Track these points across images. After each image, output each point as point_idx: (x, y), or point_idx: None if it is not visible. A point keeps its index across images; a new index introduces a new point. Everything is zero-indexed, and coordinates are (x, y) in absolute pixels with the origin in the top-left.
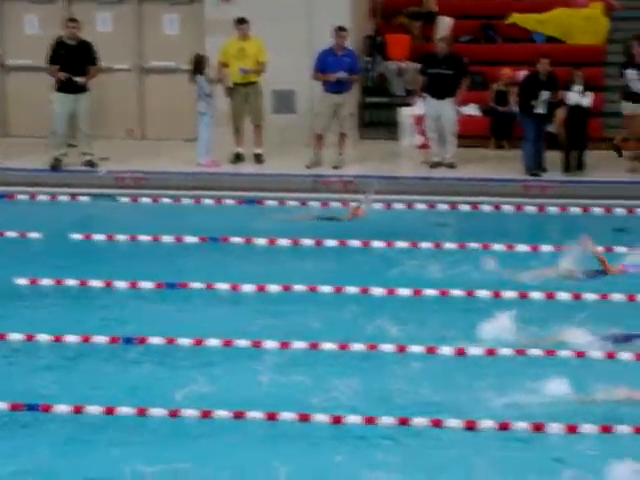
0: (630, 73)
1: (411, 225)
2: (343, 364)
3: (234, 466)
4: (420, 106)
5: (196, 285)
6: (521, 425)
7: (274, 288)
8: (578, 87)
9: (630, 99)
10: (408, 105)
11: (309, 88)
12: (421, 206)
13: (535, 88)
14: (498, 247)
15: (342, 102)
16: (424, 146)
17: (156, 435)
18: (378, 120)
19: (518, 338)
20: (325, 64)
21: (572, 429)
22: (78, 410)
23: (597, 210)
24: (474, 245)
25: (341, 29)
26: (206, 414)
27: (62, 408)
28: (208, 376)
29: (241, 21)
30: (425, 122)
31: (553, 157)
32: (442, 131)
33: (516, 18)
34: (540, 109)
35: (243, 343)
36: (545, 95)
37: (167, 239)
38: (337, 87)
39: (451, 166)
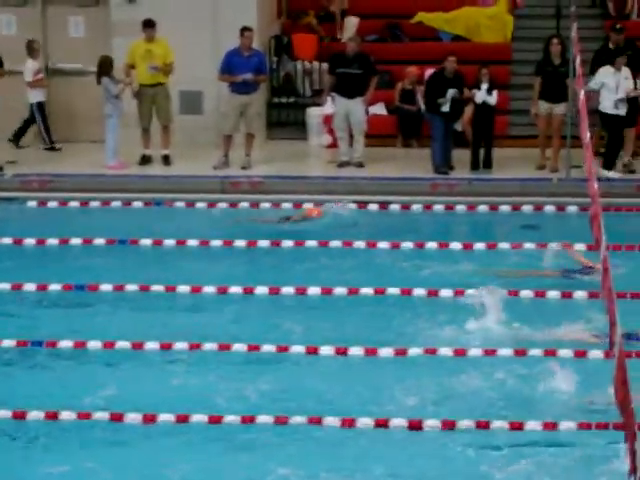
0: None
1: (320, 225)
2: (253, 365)
3: (141, 468)
4: (329, 105)
5: (105, 287)
6: (433, 423)
7: (184, 289)
8: (485, 85)
9: (545, 97)
10: (316, 105)
11: (216, 89)
12: (329, 205)
13: (441, 86)
14: (406, 245)
15: (249, 102)
16: (332, 146)
17: (65, 438)
18: (286, 120)
19: (456, 335)
20: (231, 65)
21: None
22: None
23: (505, 208)
24: (383, 244)
25: (247, 29)
26: (116, 417)
27: None
28: (118, 379)
29: (148, 23)
30: (334, 121)
31: (460, 155)
32: (351, 130)
33: (422, 17)
34: (446, 107)
35: (153, 345)
36: (451, 93)
37: (75, 242)
38: (244, 87)
39: (359, 165)
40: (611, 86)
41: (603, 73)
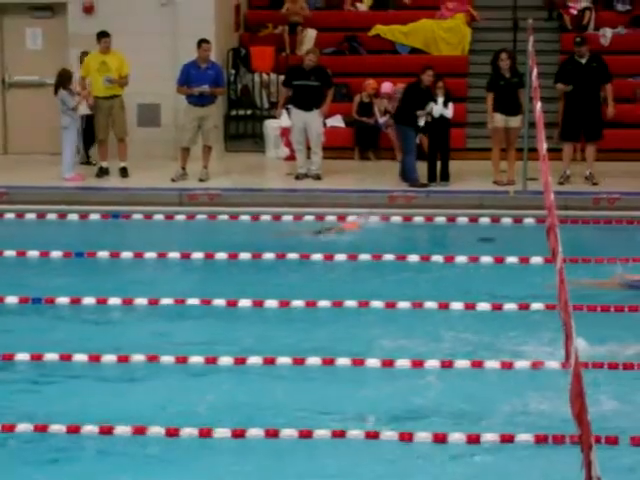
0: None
1: (278, 237)
2: (209, 376)
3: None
4: (285, 118)
5: (62, 300)
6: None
7: (141, 301)
8: (441, 98)
9: (500, 110)
10: (273, 117)
11: (174, 101)
12: (287, 217)
13: (417, 99)
14: (364, 257)
15: (206, 115)
16: (290, 158)
17: (24, 450)
18: (244, 132)
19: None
20: (189, 77)
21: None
22: None
23: (462, 220)
24: (340, 257)
25: (205, 42)
26: (72, 429)
27: None
28: (75, 392)
29: (102, 34)
30: (291, 134)
31: (417, 168)
32: (308, 143)
33: (379, 30)
34: (423, 121)
35: (110, 358)
36: (430, 107)
37: (32, 254)
38: (201, 100)
39: (317, 178)
40: None
41: None
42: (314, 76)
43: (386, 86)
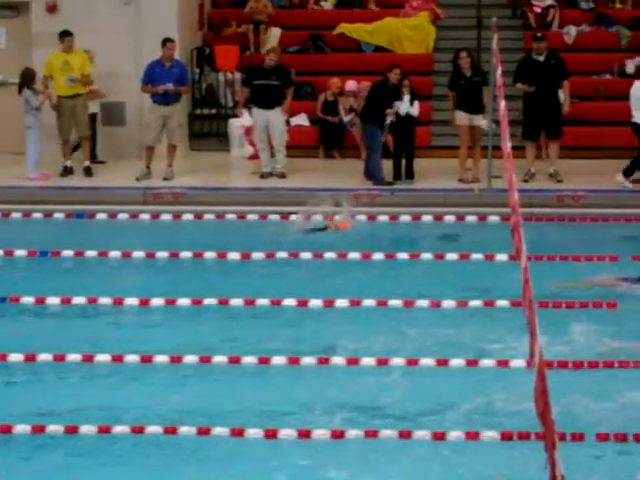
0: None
1: (244, 236)
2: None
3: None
4: (246, 118)
5: (27, 299)
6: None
7: (105, 300)
8: (407, 96)
9: (463, 109)
10: (237, 116)
11: (138, 100)
12: (252, 217)
13: (384, 97)
14: (329, 256)
15: (171, 114)
16: (254, 157)
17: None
18: (208, 131)
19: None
20: (153, 76)
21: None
22: None
23: (427, 218)
24: (305, 255)
25: (169, 41)
26: (38, 429)
27: None
28: (40, 391)
29: (65, 34)
30: (254, 133)
31: (382, 166)
32: (271, 141)
33: (344, 28)
34: (390, 119)
35: (74, 357)
36: (398, 105)
37: None
38: (165, 99)
39: (282, 176)
40: None
41: (636, 86)
42: (274, 75)
43: (351, 84)
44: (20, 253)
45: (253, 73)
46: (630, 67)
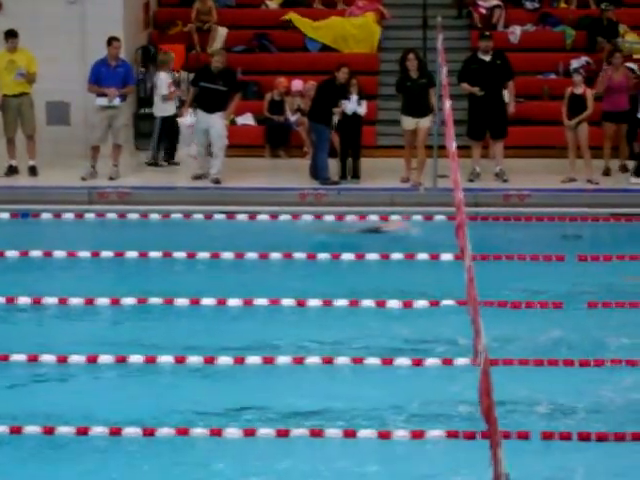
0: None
1: (189, 235)
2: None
3: None
4: (189, 118)
5: None
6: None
7: (51, 300)
8: (354, 96)
9: (409, 113)
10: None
11: (84, 100)
12: (198, 216)
13: (334, 96)
14: (275, 256)
15: (116, 113)
16: None
17: None
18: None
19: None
20: (99, 75)
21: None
22: None
23: (373, 217)
24: (251, 255)
25: (114, 40)
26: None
27: None
28: None
29: (10, 33)
30: (194, 134)
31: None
32: (210, 145)
33: (293, 17)
34: (337, 118)
35: (19, 358)
36: (345, 104)
37: None
38: (111, 98)
39: (216, 182)
40: None
41: None
42: (222, 80)
43: (297, 83)
44: None
45: (201, 74)
46: (575, 66)
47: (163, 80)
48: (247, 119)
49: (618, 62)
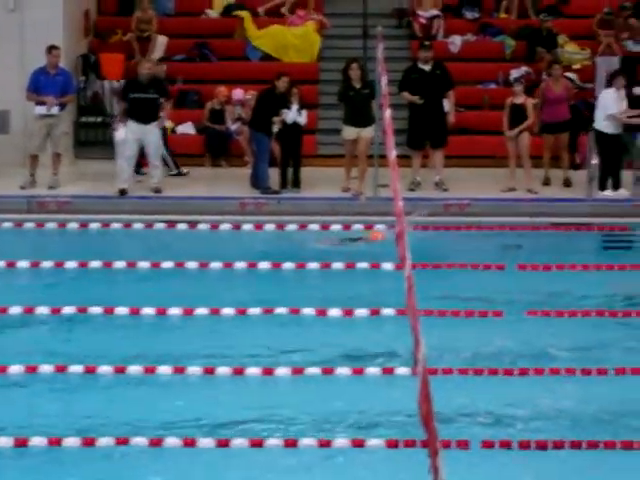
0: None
1: (130, 244)
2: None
3: None
4: (122, 131)
5: None
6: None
7: (15, 310)
8: (295, 105)
9: (351, 123)
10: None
11: (23, 108)
12: (138, 225)
13: (274, 105)
14: (215, 265)
15: (56, 122)
16: (144, 165)
17: None
18: (94, 139)
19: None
20: (38, 83)
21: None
22: None
23: (313, 226)
24: (191, 264)
25: (54, 48)
26: None
27: None
28: None
29: None
30: (124, 147)
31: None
32: (147, 156)
33: (245, 16)
34: (277, 127)
35: None
36: (286, 113)
37: None
38: (49, 107)
39: (157, 191)
40: (610, 106)
41: (607, 95)
42: (151, 88)
43: (237, 93)
44: None
45: (130, 87)
46: (515, 76)
47: None
48: (187, 128)
49: (557, 74)
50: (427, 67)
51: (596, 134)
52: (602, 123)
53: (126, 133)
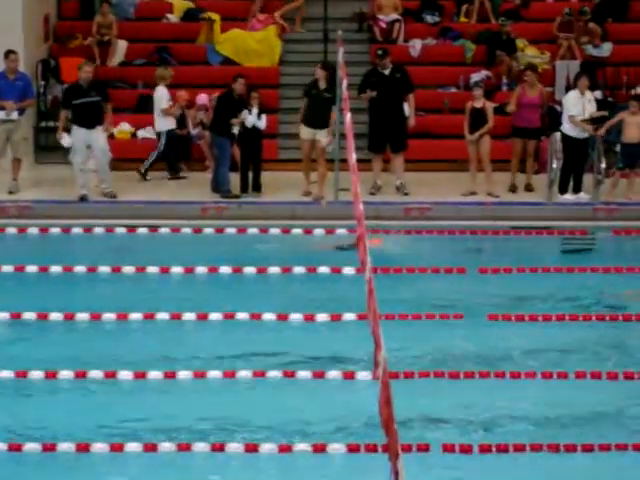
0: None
1: (90, 249)
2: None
3: None
4: (66, 140)
5: None
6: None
7: None
8: (255, 109)
9: (307, 123)
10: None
11: None
12: (99, 230)
13: (233, 108)
14: (176, 270)
15: (14, 127)
16: None
17: None
18: (54, 144)
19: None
20: None
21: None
22: None
23: (274, 231)
24: (153, 269)
25: (12, 53)
26: None
27: None
28: None
29: None
30: (71, 154)
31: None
32: (96, 161)
33: (216, 18)
34: (236, 129)
35: None
36: (245, 115)
37: None
38: (9, 112)
39: (112, 196)
40: (571, 108)
41: (570, 97)
42: (93, 91)
43: (202, 97)
44: None
45: (71, 93)
46: (475, 80)
47: (162, 95)
48: (148, 132)
49: (531, 79)
50: (386, 71)
51: (562, 137)
52: (565, 126)
53: (73, 140)
